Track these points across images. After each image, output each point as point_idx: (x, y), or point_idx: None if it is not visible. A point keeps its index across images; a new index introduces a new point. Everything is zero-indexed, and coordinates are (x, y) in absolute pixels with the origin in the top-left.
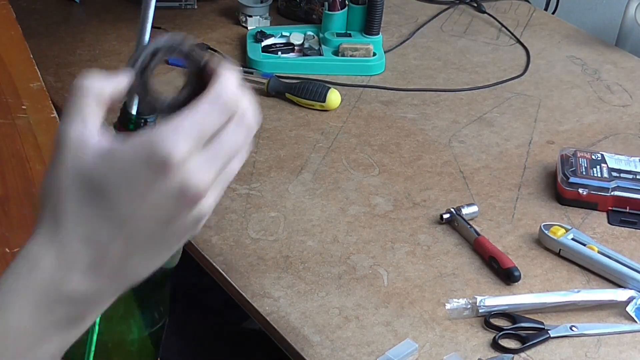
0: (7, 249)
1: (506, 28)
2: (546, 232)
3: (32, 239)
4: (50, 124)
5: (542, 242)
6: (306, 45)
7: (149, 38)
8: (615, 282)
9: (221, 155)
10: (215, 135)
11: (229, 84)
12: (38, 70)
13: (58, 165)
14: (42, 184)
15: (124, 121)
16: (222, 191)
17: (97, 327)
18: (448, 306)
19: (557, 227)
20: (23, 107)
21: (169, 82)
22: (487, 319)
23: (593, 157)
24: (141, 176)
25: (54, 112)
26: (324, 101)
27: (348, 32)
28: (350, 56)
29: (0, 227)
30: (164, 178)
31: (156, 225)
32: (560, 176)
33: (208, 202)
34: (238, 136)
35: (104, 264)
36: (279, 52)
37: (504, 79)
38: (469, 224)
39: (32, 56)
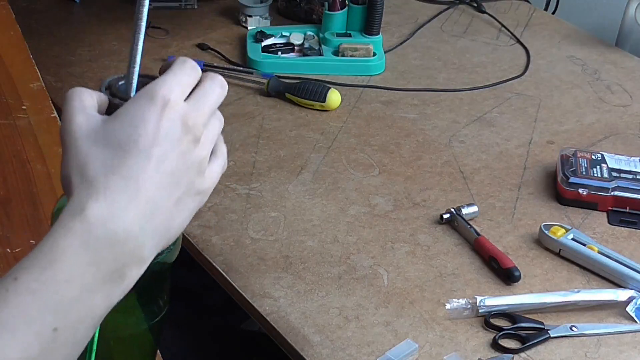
0: (8, 249)
1: (506, 28)
2: (546, 232)
3: (69, 204)
4: (51, 124)
5: (542, 242)
6: (306, 45)
7: (143, 39)
8: (615, 282)
9: (204, 103)
10: (195, 89)
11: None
12: (38, 70)
13: (72, 139)
14: (62, 169)
15: None
16: (219, 161)
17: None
18: (448, 306)
19: (557, 227)
20: (23, 107)
21: None
22: (487, 319)
23: (593, 157)
24: (149, 111)
25: (54, 112)
26: (324, 101)
27: (348, 32)
28: (350, 56)
29: (2, 228)
30: (169, 110)
31: (174, 155)
32: (560, 176)
33: (212, 169)
34: (214, 90)
35: (140, 198)
36: (279, 52)
37: (504, 79)
38: (469, 224)
39: (31, 56)
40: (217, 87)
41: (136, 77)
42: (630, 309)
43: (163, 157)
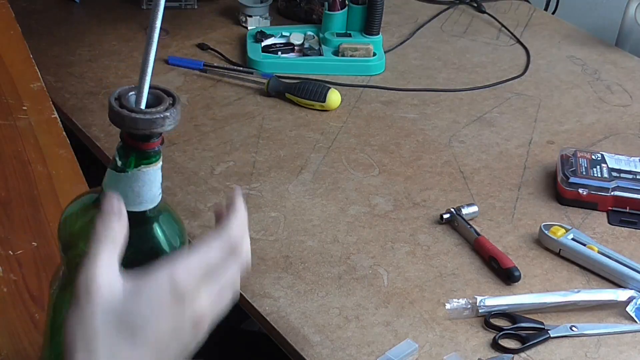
0: (10, 252)
1: (506, 28)
2: (546, 232)
3: None
4: (51, 125)
5: (542, 242)
6: (306, 45)
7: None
8: (615, 282)
9: (220, 286)
10: (217, 267)
11: (239, 224)
12: (38, 71)
13: (88, 309)
14: (68, 327)
15: None
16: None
17: None
18: (448, 306)
19: (557, 227)
20: (24, 107)
21: (168, 81)
22: (487, 319)
23: (593, 157)
24: (165, 305)
25: (55, 112)
26: (324, 101)
27: (348, 32)
28: (350, 56)
29: (3, 230)
30: (182, 306)
31: (177, 346)
32: (560, 176)
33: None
34: (235, 272)
35: None
36: (279, 52)
37: (504, 79)
38: (469, 224)
39: (32, 56)
40: (239, 268)
41: (147, 89)
42: (630, 309)
43: (165, 348)
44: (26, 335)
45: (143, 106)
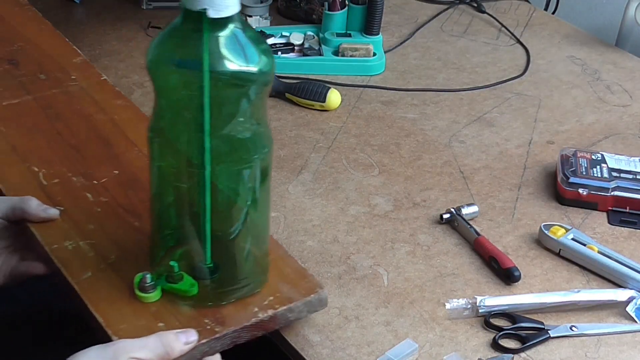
0: (94, 181)
1: (506, 28)
2: (546, 232)
3: None
4: (103, 86)
5: (542, 242)
6: (306, 45)
7: None
8: (615, 282)
9: None
10: None
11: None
12: (77, 49)
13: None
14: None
15: None
16: None
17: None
18: (448, 306)
19: (557, 227)
20: (72, 77)
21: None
22: (487, 319)
23: (593, 157)
24: None
25: (103, 76)
26: (324, 101)
27: (348, 32)
28: (350, 56)
29: (84, 167)
30: None
31: None
32: (560, 176)
33: None
34: None
35: None
36: (279, 52)
37: (504, 79)
38: (469, 224)
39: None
40: None
41: None
42: (630, 309)
43: None
44: (129, 239)
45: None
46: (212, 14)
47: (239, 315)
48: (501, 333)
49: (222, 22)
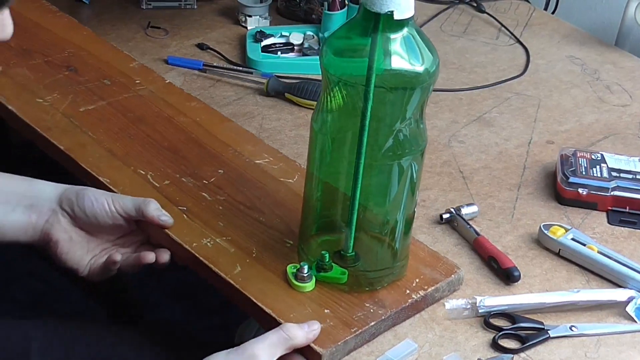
0: (204, 181)
1: (506, 28)
2: (546, 232)
3: None
4: (170, 88)
5: (542, 242)
6: (306, 45)
7: None
8: (615, 282)
9: None
10: None
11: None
12: (129, 54)
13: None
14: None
15: None
16: None
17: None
18: (448, 306)
19: (556, 227)
20: (137, 81)
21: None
22: (486, 319)
23: (593, 157)
24: None
25: (167, 79)
26: None
27: None
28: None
29: (187, 167)
30: None
31: None
32: (560, 176)
33: None
34: None
35: None
36: (279, 52)
37: (504, 78)
38: (468, 224)
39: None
40: None
41: None
42: (630, 309)
43: None
44: (261, 233)
45: None
46: (397, 15)
47: (395, 297)
48: (501, 333)
49: (401, 24)
